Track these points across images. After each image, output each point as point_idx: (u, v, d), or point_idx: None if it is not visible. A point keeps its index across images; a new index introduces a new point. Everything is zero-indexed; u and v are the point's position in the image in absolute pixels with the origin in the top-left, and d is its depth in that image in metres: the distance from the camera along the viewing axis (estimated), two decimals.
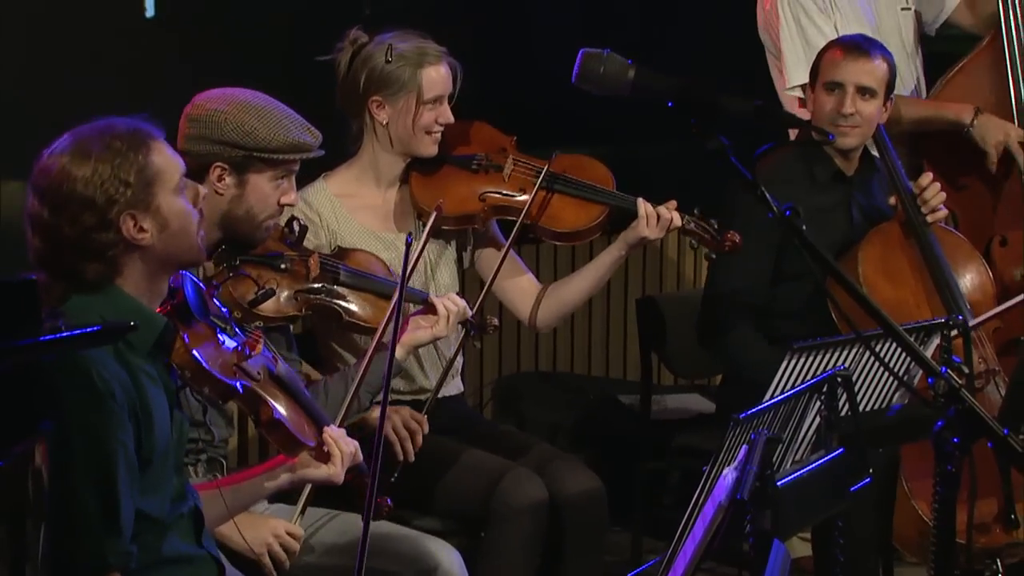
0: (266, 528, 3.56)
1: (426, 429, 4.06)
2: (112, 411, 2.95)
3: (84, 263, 3.03)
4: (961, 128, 5.06)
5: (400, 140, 4.26)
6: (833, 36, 5.01)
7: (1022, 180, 5.10)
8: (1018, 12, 5.13)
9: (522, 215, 4.23)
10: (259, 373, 3.23)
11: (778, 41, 5.13)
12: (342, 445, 3.39)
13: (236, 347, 3.20)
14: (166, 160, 3.08)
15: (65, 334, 2.66)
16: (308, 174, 4.23)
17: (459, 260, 4.42)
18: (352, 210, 4.29)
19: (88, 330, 2.71)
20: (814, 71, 4.74)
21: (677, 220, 4.27)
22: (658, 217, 4.26)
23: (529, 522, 4.11)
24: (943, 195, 4.71)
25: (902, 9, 5.29)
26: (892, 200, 4.74)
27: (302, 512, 3.69)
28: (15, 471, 2.67)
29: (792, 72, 5.09)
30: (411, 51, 4.22)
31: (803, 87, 4.98)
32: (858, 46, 4.70)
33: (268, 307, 3.77)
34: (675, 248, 6.52)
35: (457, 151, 4.36)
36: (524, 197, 4.29)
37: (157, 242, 3.06)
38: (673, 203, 4.29)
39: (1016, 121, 5.11)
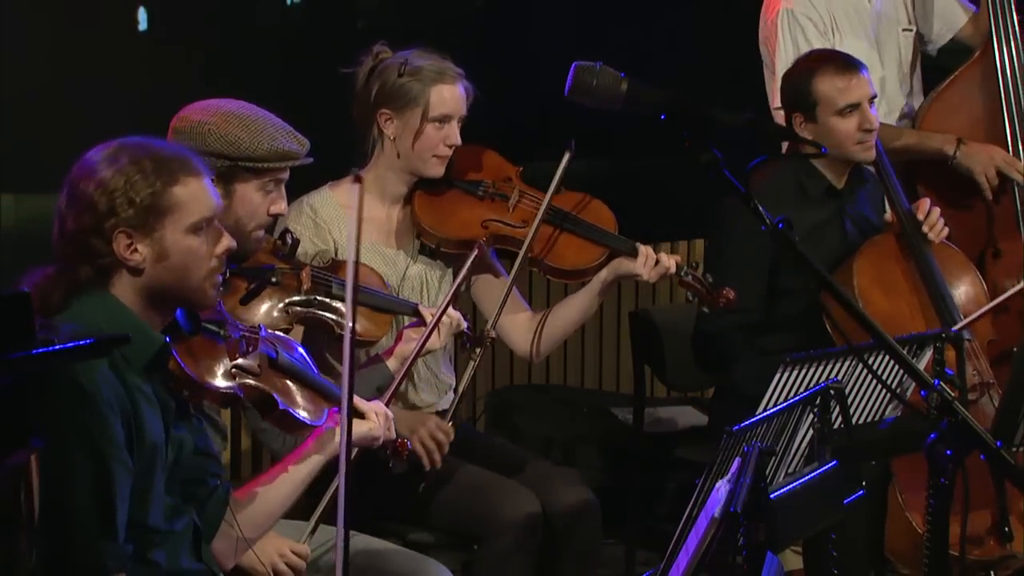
0: (271, 547, 3.55)
1: (452, 437, 4.04)
2: (104, 414, 2.96)
3: (77, 262, 3.06)
4: (945, 159, 5.06)
5: (406, 157, 4.24)
6: None
7: (1016, 194, 5.11)
8: (1009, 25, 5.13)
9: (525, 248, 4.22)
10: (258, 366, 3.21)
11: (774, 58, 5.13)
12: (377, 406, 3.41)
13: (231, 346, 3.18)
14: (191, 197, 3.08)
15: (58, 347, 2.65)
16: (310, 185, 4.25)
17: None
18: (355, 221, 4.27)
19: (81, 343, 2.71)
20: (811, 105, 4.66)
21: (673, 269, 4.27)
22: (656, 262, 4.27)
23: (522, 535, 4.11)
24: (942, 221, 4.72)
25: (903, 30, 5.29)
26: (888, 216, 4.75)
27: (312, 531, 3.68)
28: (8, 483, 2.67)
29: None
30: (424, 67, 4.20)
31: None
32: (848, 63, 4.68)
33: (258, 319, 3.76)
34: None
35: (464, 175, 4.35)
36: (526, 229, 4.28)
37: (150, 270, 3.07)
38: (677, 257, 4.31)
39: (1008, 133, 5.11)
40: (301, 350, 3.38)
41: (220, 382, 3.14)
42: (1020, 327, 4.88)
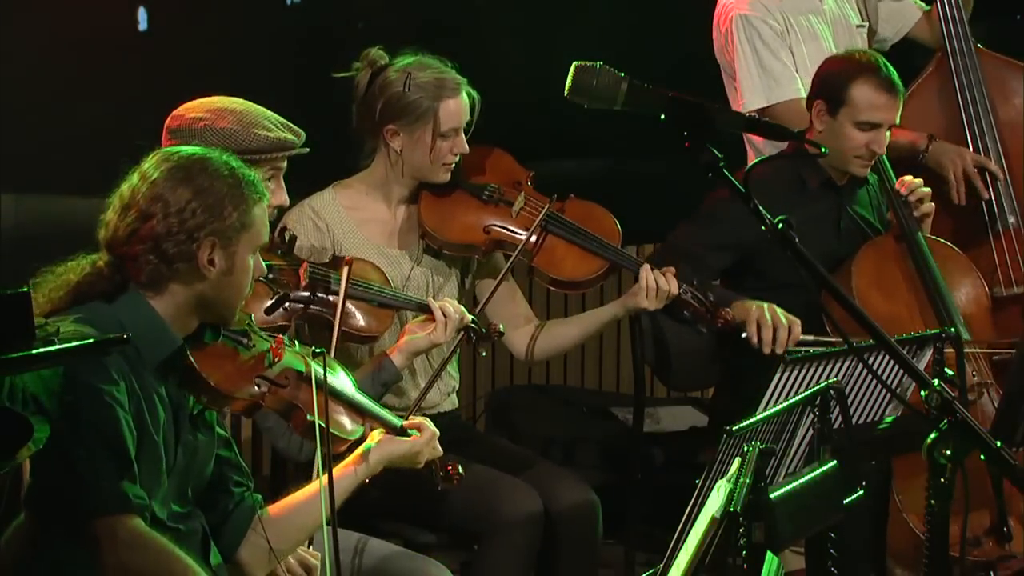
0: None
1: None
2: (115, 380, 2.95)
3: (148, 257, 3.03)
4: (916, 154, 5.06)
5: (413, 168, 4.24)
6: (788, 60, 5.00)
7: (983, 202, 5.10)
8: (962, 35, 5.13)
9: (518, 252, 4.22)
10: (285, 378, 3.19)
11: (734, 64, 5.13)
12: (422, 421, 3.43)
13: (255, 358, 3.16)
14: (263, 220, 3.13)
15: (58, 347, 2.65)
16: (312, 186, 4.25)
17: (461, 283, 4.41)
18: (359, 223, 4.28)
19: (81, 343, 2.71)
20: (837, 99, 4.66)
21: (675, 289, 4.27)
22: (658, 289, 4.26)
23: (522, 535, 4.11)
24: (928, 190, 4.72)
25: (857, 26, 5.30)
26: (890, 215, 4.76)
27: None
28: (9, 480, 2.68)
29: (748, 97, 5.08)
30: (430, 82, 4.19)
31: (760, 110, 5.00)
32: (894, 85, 4.65)
33: (257, 317, 3.74)
34: None
35: (472, 178, 4.34)
36: (530, 237, 4.27)
37: (214, 280, 3.07)
38: (672, 269, 4.30)
39: (968, 141, 5.12)
40: (339, 368, 3.37)
41: (240, 391, 3.11)
42: (1020, 327, 4.88)
